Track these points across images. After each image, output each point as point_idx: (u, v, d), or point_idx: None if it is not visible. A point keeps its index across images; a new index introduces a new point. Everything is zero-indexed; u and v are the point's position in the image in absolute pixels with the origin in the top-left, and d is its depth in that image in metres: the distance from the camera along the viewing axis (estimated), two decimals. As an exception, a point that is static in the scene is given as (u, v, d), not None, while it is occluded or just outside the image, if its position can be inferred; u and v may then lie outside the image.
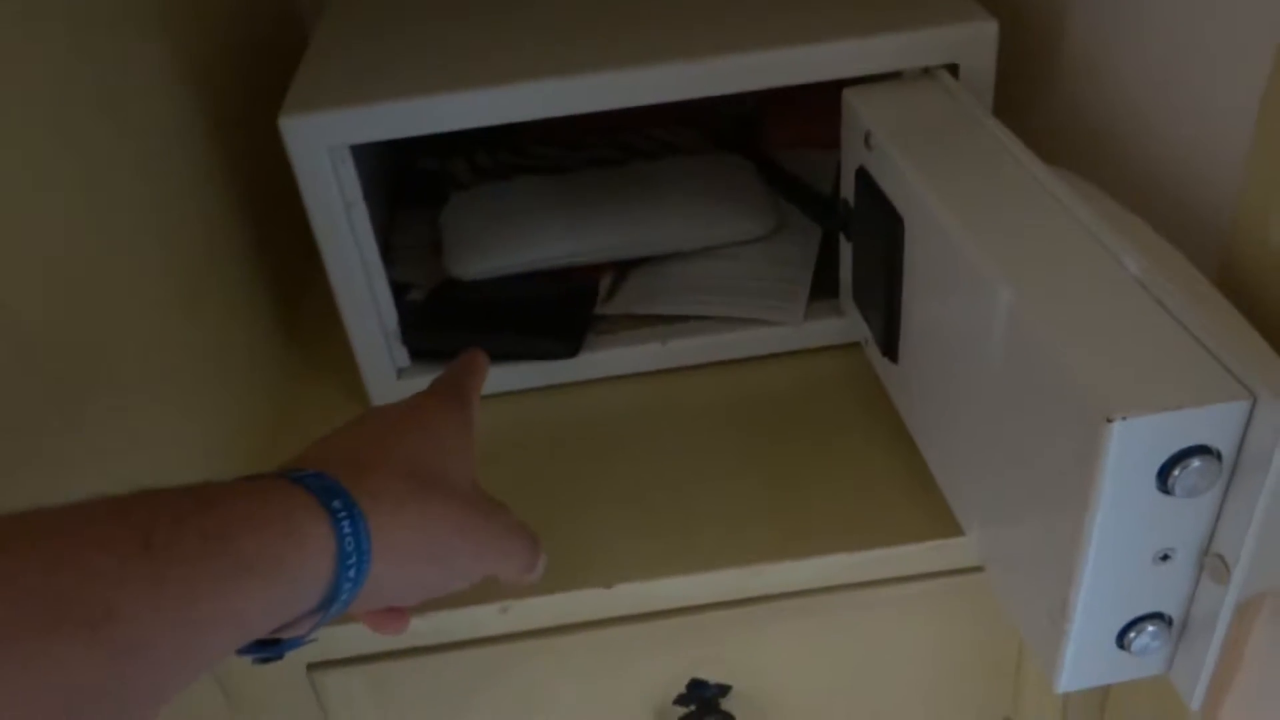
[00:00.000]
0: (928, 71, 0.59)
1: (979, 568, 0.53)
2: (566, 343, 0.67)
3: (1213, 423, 0.37)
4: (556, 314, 0.69)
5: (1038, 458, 0.42)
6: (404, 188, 0.81)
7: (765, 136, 0.81)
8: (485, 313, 0.70)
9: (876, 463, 0.61)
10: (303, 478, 0.36)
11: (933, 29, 0.57)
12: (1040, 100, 0.66)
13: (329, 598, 0.36)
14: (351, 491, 0.37)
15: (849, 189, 0.60)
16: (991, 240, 0.45)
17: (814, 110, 0.69)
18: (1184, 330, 0.39)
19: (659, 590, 0.57)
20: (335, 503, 0.36)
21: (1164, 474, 0.38)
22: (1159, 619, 0.43)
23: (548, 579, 0.56)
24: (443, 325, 0.69)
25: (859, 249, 0.61)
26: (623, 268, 0.73)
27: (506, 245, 0.71)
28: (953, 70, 0.58)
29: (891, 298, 0.55)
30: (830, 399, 0.66)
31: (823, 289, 0.69)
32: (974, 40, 0.58)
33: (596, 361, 0.68)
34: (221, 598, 0.31)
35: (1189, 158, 0.52)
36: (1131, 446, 0.37)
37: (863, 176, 0.57)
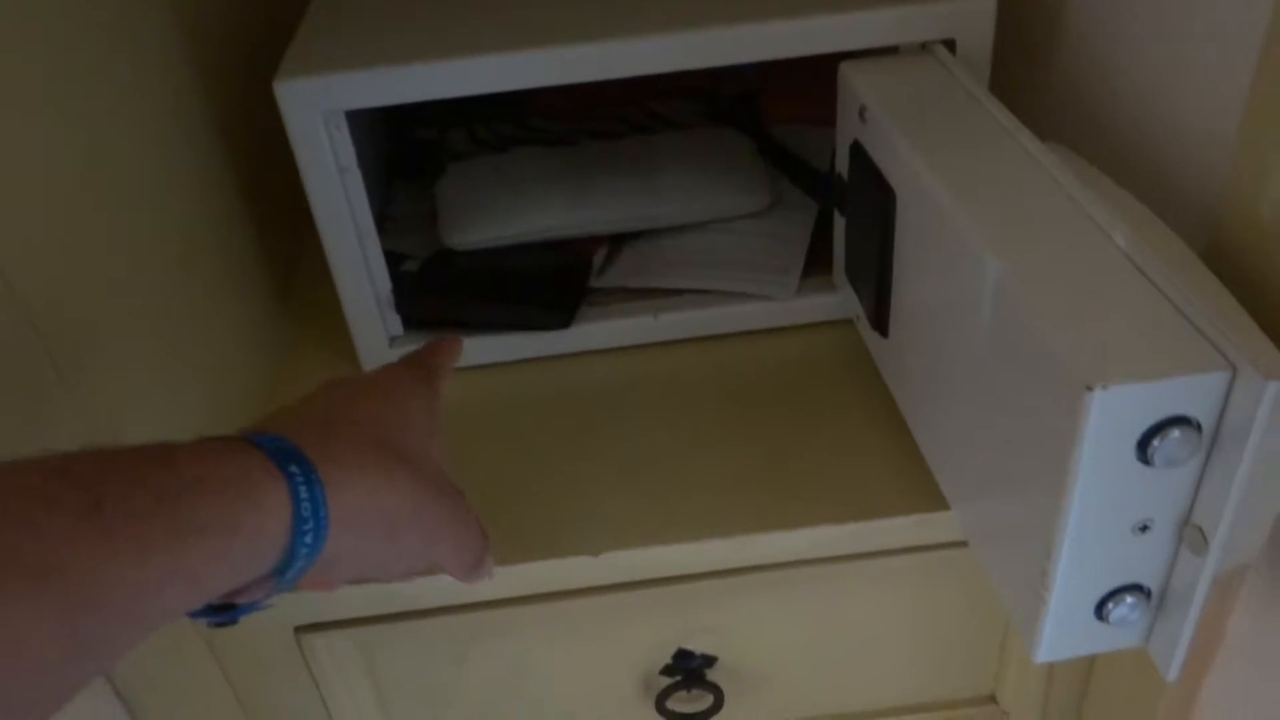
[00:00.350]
0: (925, 46, 0.59)
1: (964, 543, 0.54)
2: (560, 314, 0.68)
3: (1193, 393, 0.37)
4: (550, 285, 0.69)
5: (1020, 429, 0.43)
6: (402, 159, 0.81)
7: (764, 112, 0.81)
8: (479, 283, 0.70)
9: (866, 437, 0.61)
10: (262, 440, 0.36)
11: (931, 4, 0.57)
12: (1037, 77, 0.66)
13: (284, 563, 0.35)
14: (312, 457, 0.36)
15: (844, 162, 0.60)
16: (981, 213, 0.45)
17: (813, 87, 0.69)
18: (1167, 302, 0.39)
19: (646, 559, 0.57)
20: (292, 467, 0.35)
21: (1144, 444, 0.38)
22: (1138, 590, 0.43)
23: (536, 545, 0.57)
24: (436, 294, 0.69)
25: (852, 223, 0.61)
26: (617, 241, 0.73)
27: (502, 216, 0.71)
28: (950, 45, 0.58)
29: (882, 271, 0.56)
30: (821, 374, 0.66)
31: (816, 265, 0.69)
32: (972, 16, 0.58)
33: (589, 333, 0.68)
34: (173, 556, 0.31)
35: (1182, 135, 0.52)
36: (1111, 416, 0.37)
37: (857, 150, 0.57)
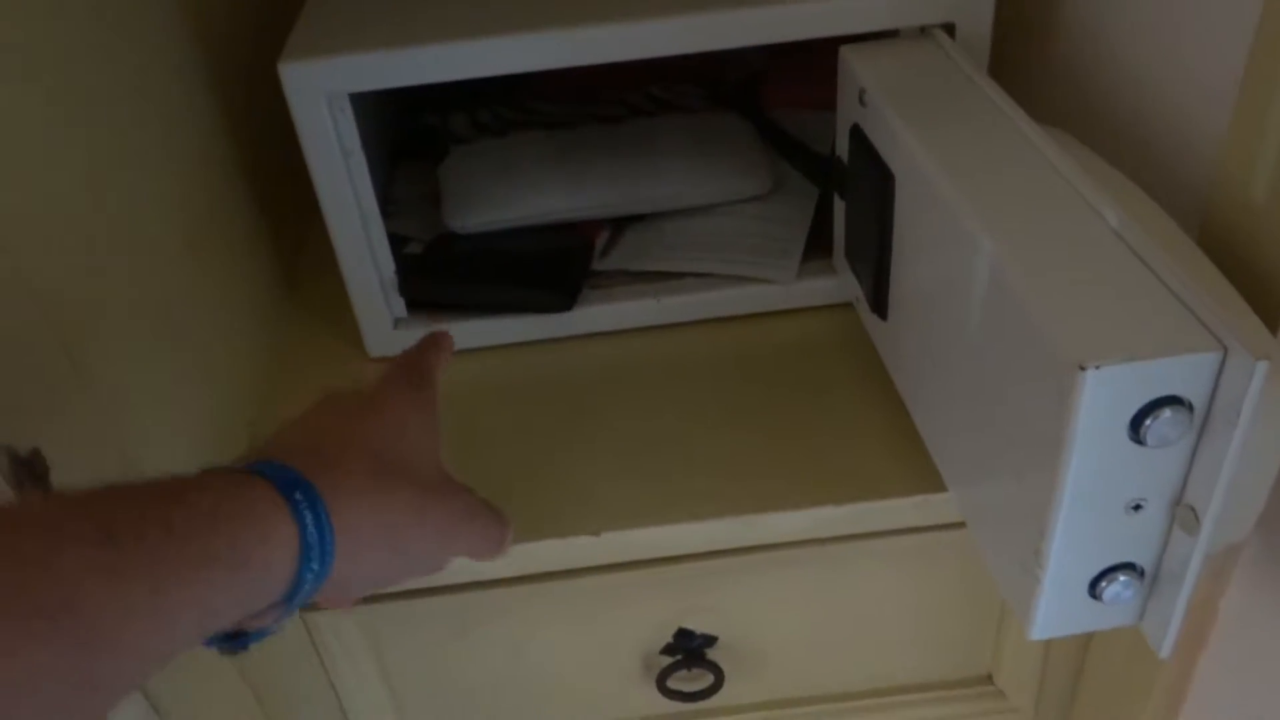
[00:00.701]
0: (925, 30, 0.59)
1: (962, 524, 0.54)
2: (562, 296, 0.68)
3: (1184, 373, 0.37)
4: (553, 268, 0.70)
5: (1014, 409, 0.43)
6: (405, 143, 0.82)
7: (765, 96, 0.82)
8: (482, 265, 0.70)
9: (865, 419, 0.61)
10: (266, 470, 0.36)
11: (930, -12, 0.57)
12: (1035, 61, 0.66)
13: (292, 590, 0.36)
14: (314, 483, 0.37)
15: (843, 146, 0.61)
16: (977, 194, 0.46)
17: (814, 72, 0.69)
18: (1160, 283, 0.40)
19: (647, 539, 0.58)
20: (297, 494, 0.36)
21: (1136, 423, 0.38)
22: (1131, 569, 0.43)
23: (538, 525, 0.57)
24: (440, 276, 0.70)
25: (852, 206, 0.62)
26: (619, 224, 0.73)
27: (504, 199, 0.71)
28: (949, 30, 0.59)
29: (881, 254, 0.56)
30: (821, 357, 0.66)
31: (817, 249, 0.70)
32: (971, 1, 0.58)
33: (591, 316, 0.69)
34: (186, 590, 0.32)
35: (1176, 118, 0.52)
36: (1103, 395, 0.37)
37: (856, 133, 0.57)
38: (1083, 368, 0.36)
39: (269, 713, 0.64)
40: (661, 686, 0.65)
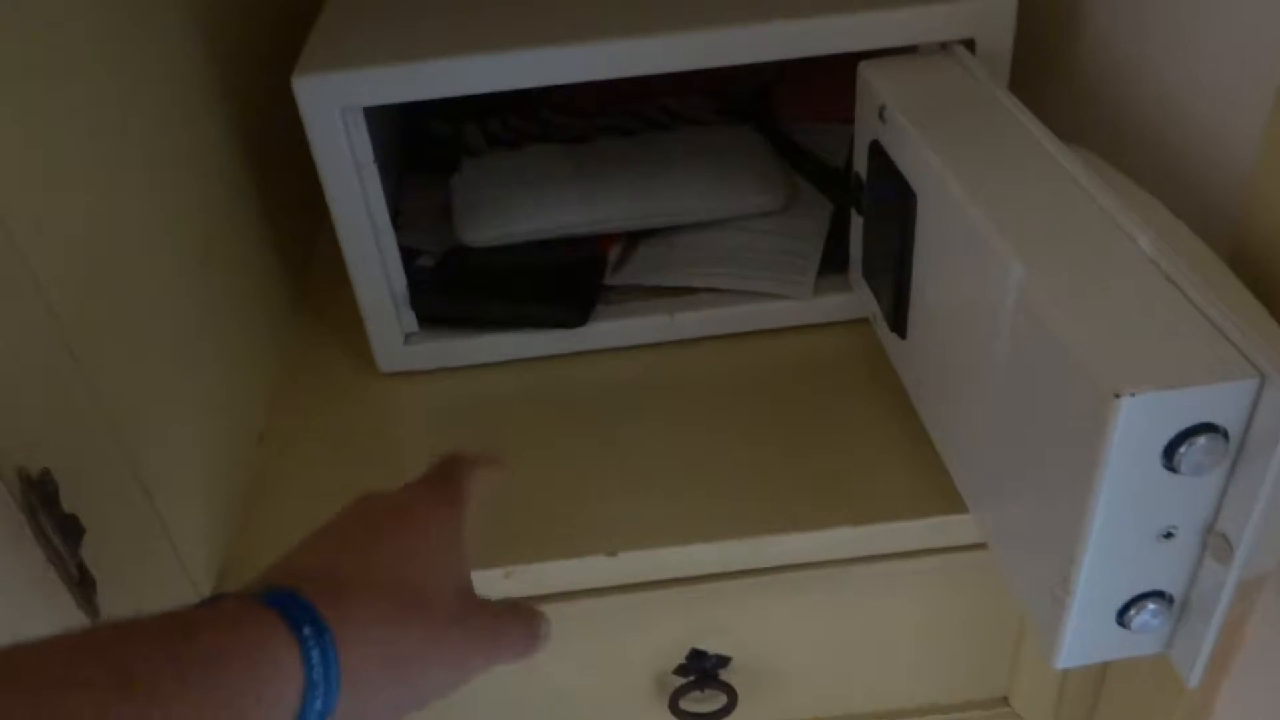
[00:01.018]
0: (945, 46, 0.58)
1: (981, 545, 0.54)
2: (575, 312, 0.67)
3: (1220, 401, 0.37)
4: (565, 283, 0.69)
5: (1044, 434, 0.42)
6: (417, 154, 0.81)
7: (780, 110, 0.81)
8: (494, 280, 0.70)
9: (882, 439, 0.61)
10: (276, 600, 0.36)
11: (950, 3, 0.57)
12: (1058, 78, 0.66)
13: None
14: (324, 614, 0.36)
15: (862, 163, 0.60)
16: (1004, 216, 0.45)
17: (829, 85, 0.69)
18: (1194, 309, 0.39)
19: (662, 559, 0.57)
20: (306, 629, 0.35)
21: (1170, 451, 0.38)
22: (1160, 597, 0.43)
23: (552, 545, 0.57)
24: (451, 291, 0.69)
25: (870, 223, 0.61)
26: (632, 238, 0.73)
27: (517, 212, 0.71)
28: (970, 46, 0.58)
29: (901, 272, 0.55)
30: (837, 375, 0.66)
31: (833, 264, 0.69)
32: (992, 15, 0.57)
33: (603, 332, 0.68)
34: None
35: (1204, 137, 0.52)
36: (1138, 423, 0.37)
37: (876, 150, 0.57)
38: (1118, 395, 0.36)
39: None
40: (674, 708, 0.64)
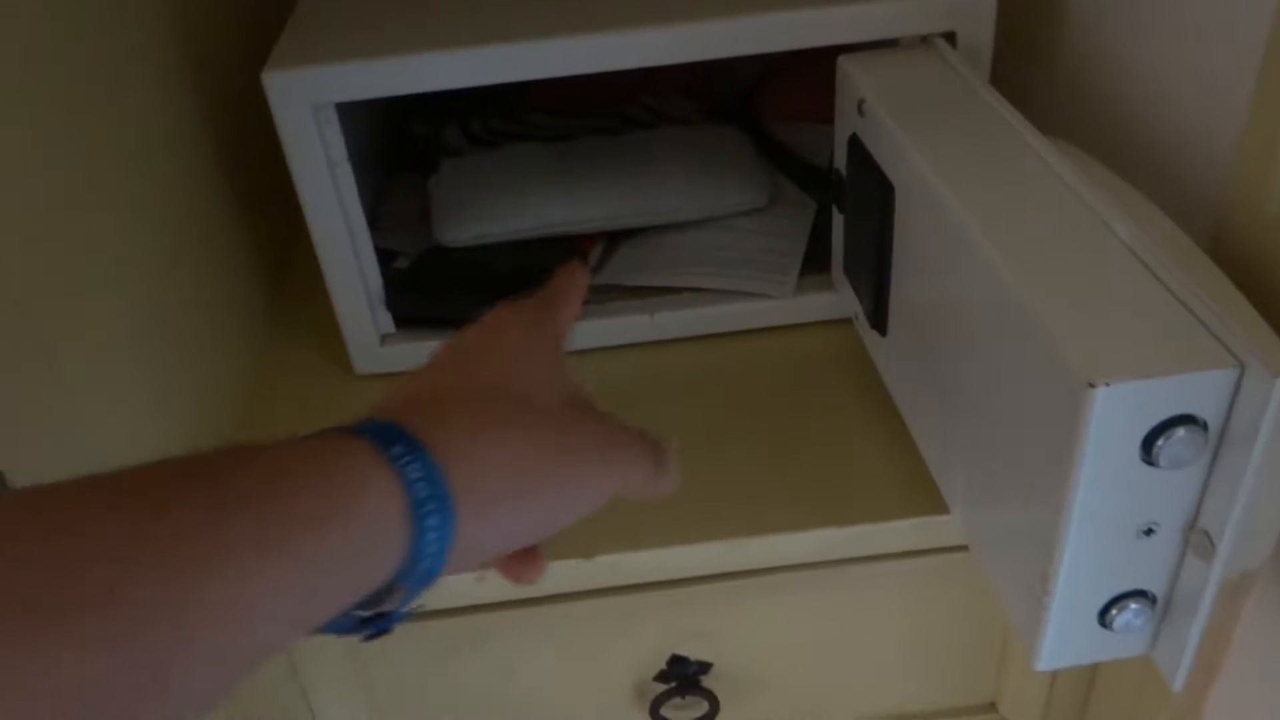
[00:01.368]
0: (925, 40, 0.58)
1: (965, 547, 0.53)
2: (554, 312, 0.66)
3: (1199, 391, 0.36)
4: (544, 283, 0.68)
5: (1021, 428, 0.41)
6: (396, 155, 0.80)
7: (762, 109, 0.80)
8: (472, 280, 0.69)
9: (864, 439, 0.60)
10: (364, 429, 0.33)
11: (931, -4, 0.56)
12: (1039, 70, 0.65)
13: (413, 556, 0.31)
14: (420, 436, 0.33)
15: (842, 158, 0.59)
16: (981, 207, 0.44)
17: (812, 84, 0.68)
18: (1173, 297, 0.38)
19: (641, 562, 0.56)
20: (395, 448, 0.32)
21: (1148, 444, 0.37)
22: (1142, 596, 0.42)
23: (526, 548, 0.56)
24: (428, 292, 0.68)
25: (851, 219, 0.60)
26: (613, 238, 0.72)
27: (496, 212, 0.70)
28: (950, 39, 0.57)
29: (881, 267, 0.54)
30: (819, 374, 0.65)
31: (815, 265, 0.68)
32: (972, 8, 0.56)
33: (583, 332, 0.67)
34: (289, 559, 0.28)
35: (1186, 128, 0.51)
36: (1115, 414, 0.36)
37: (855, 144, 0.56)
38: (1093, 385, 0.35)
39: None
40: (655, 715, 0.63)
